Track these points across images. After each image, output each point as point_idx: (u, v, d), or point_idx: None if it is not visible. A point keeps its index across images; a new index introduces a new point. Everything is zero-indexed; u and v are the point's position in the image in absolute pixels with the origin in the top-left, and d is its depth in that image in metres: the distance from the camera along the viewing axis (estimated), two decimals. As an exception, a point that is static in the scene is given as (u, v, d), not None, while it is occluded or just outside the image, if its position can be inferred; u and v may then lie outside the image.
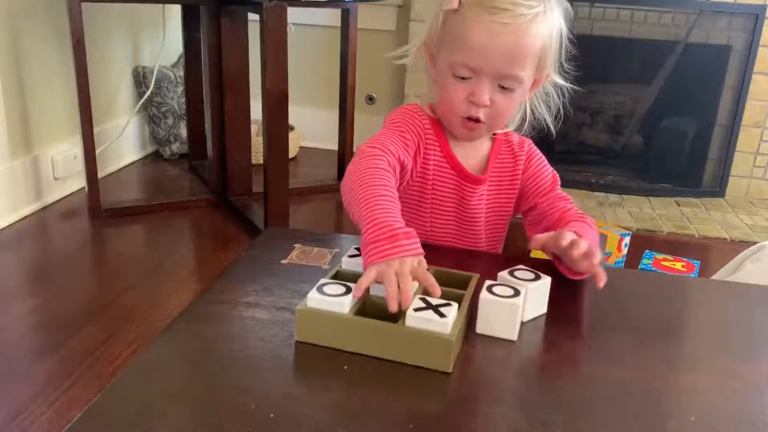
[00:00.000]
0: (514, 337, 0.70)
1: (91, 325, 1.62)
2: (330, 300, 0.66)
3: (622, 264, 2.10)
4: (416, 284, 0.71)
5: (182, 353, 0.65)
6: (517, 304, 0.69)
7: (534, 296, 0.74)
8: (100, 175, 2.28)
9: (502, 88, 0.90)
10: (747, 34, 2.67)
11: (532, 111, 1.02)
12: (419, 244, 0.73)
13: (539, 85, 0.97)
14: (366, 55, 2.66)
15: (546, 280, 0.75)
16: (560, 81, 0.98)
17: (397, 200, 0.79)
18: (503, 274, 0.76)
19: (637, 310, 0.80)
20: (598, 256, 0.80)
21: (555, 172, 1.03)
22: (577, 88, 1.01)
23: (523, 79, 0.90)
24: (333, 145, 2.76)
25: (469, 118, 0.92)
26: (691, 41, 2.72)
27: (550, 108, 1.01)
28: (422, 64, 0.99)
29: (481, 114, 0.91)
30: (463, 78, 0.90)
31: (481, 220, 1.02)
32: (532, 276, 0.75)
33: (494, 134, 1.02)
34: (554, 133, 1.02)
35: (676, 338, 0.76)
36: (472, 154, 1.00)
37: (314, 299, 0.67)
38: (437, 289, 0.68)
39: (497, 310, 0.70)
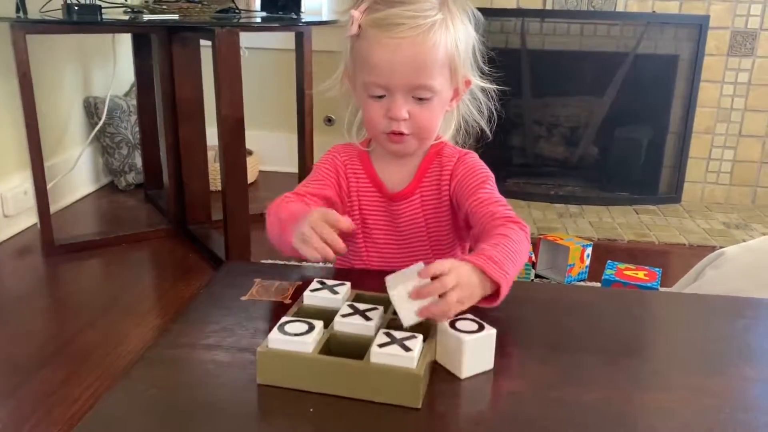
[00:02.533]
0: (461, 375, 0.66)
1: (48, 368, 1.56)
2: (292, 339, 0.64)
3: (586, 275, 2.11)
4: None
5: (140, 403, 0.62)
6: (467, 341, 0.65)
7: (473, 350, 0.66)
8: (53, 209, 2.22)
9: (419, 99, 0.92)
10: (693, 43, 2.74)
11: (465, 120, 1.03)
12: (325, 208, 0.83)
13: (462, 93, 0.99)
14: (322, 77, 2.64)
15: (490, 332, 0.68)
16: (482, 84, 1.00)
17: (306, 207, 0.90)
18: (443, 326, 0.68)
19: (605, 329, 0.80)
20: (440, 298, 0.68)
21: (489, 172, 0.99)
22: (505, 88, 1.01)
23: (435, 88, 0.92)
24: (293, 168, 2.72)
25: (393, 133, 0.94)
26: (641, 52, 2.78)
27: (482, 112, 1.02)
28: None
29: (403, 127, 0.93)
30: (379, 97, 0.92)
31: (424, 238, 1.01)
32: (475, 327, 0.68)
33: (430, 148, 1.02)
34: (490, 136, 1.03)
35: (647, 357, 0.76)
36: (397, 170, 1.01)
37: (276, 339, 0.64)
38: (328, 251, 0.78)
39: (452, 345, 0.67)
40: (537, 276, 2.11)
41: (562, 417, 0.62)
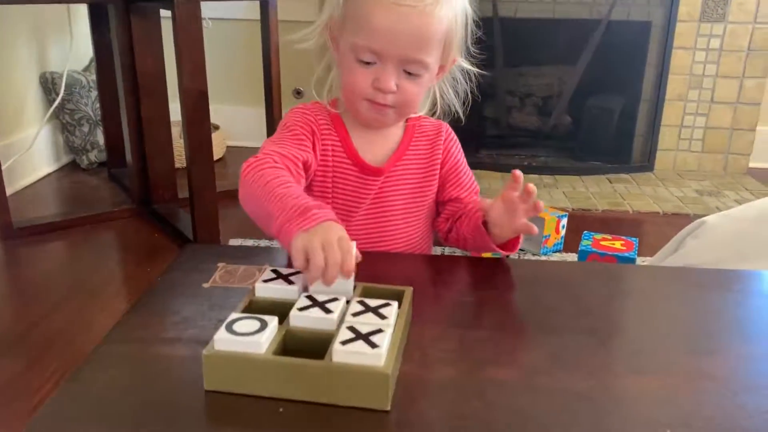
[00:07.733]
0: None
1: (7, 357, 1.49)
2: (242, 340, 0.57)
3: (561, 246, 2.08)
4: (351, 282, 0.66)
5: (89, 407, 0.56)
6: None
7: None
8: (10, 191, 2.12)
9: (408, 73, 0.86)
10: (665, 9, 2.71)
11: (441, 96, 0.98)
12: (334, 214, 0.70)
13: (446, 71, 0.94)
14: (290, 48, 2.55)
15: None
16: (466, 65, 0.95)
17: (299, 186, 0.80)
18: None
19: (592, 308, 0.76)
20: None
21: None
22: (484, 72, 0.97)
23: (429, 65, 0.87)
24: (261, 142, 2.65)
25: (376, 102, 0.88)
26: (613, 18, 2.74)
27: (458, 93, 0.98)
28: (324, 49, 0.94)
29: (389, 100, 0.87)
30: (367, 63, 0.86)
31: (397, 215, 0.96)
32: None
33: (406, 121, 0.97)
34: (463, 119, 0.99)
35: (638, 336, 0.71)
36: (379, 143, 0.95)
37: (223, 340, 0.57)
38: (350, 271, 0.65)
39: None
40: (513, 248, 2.08)
41: (553, 408, 0.57)
